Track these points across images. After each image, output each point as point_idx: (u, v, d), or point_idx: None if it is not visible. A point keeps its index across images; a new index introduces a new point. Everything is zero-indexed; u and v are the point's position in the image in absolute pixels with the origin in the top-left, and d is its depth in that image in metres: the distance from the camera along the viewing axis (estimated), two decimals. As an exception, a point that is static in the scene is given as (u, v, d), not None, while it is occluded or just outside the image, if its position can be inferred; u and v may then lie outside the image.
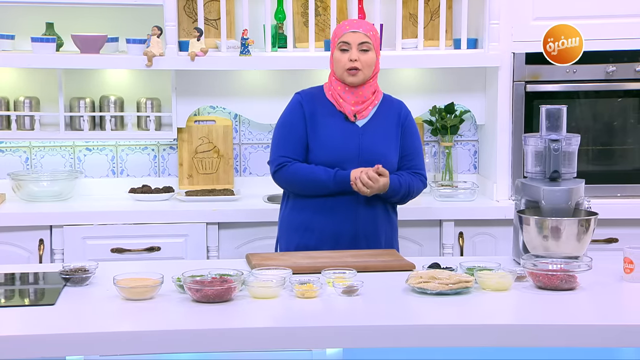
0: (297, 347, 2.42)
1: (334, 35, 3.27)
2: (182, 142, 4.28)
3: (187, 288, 2.54)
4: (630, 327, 2.38)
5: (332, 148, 3.21)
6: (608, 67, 3.97)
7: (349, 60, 3.19)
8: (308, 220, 3.23)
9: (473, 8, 4.11)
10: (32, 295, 2.77)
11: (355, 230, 3.22)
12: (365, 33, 3.20)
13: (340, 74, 3.22)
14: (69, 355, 2.37)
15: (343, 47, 3.20)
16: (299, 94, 3.31)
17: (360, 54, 3.19)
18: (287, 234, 3.29)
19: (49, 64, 4.01)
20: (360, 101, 3.24)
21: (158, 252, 3.84)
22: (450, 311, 2.49)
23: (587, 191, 3.02)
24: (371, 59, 3.21)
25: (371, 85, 3.26)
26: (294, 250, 3.20)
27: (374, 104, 3.27)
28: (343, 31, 3.22)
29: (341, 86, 3.24)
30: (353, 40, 3.19)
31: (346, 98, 3.24)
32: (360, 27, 3.22)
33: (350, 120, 3.24)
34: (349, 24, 3.25)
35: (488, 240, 3.94)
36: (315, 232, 3.22)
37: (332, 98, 3.26)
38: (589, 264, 2.69)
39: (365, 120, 3.25)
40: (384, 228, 3.27)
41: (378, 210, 3.25)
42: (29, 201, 4.05)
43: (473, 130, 4.41)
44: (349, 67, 3.19)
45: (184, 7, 4.20)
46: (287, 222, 3.31)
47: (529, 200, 2.98)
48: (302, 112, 3.25)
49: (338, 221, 3.21)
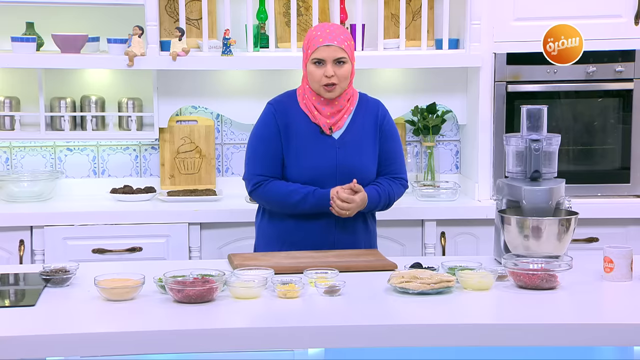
0: (279, 347, 2.42)
1: (307, 47, 3.13)
2: (163, 142, 4.27)
3: (168, 288, 2.53)
4: (610, 326, 2.40)
5: (307, 167, 3.12)
6: (588, 67, 3.99)
7: (324, 76, 3.08)
8: (285, 232, 3.18)
9: (454, 8, 4.13)
10: (13, 296, 2.75)
11: (334, 241, 3.17)
12: (340, 46, 3.08)
13: (317, 89, 3.12)
14: (50, 357, 2.36)
15: (317, 62, 3.09)
16: (272, 105, 3.20)
17: (336, 68, 3.08)
18: (265, 244, 3.24)
19: (29, 63, 3.98)
20: (336, 111, 3.15)
21: (139, 252, 3.83)
22: (432, 311, 2.50)
23: (567, 191, 3.04)
24: (347, 71, 3.11)
25: (347, 93, 3.17)
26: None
27: (350, 111, 3.19)
28: (316, 45, 3.09)
29: (316, 97, 3.15)
30: (328, 56, 3.07)
31: (321, 110, 3.15)
32: (334, 40, 3.08)
33: (325, 133, 3.16)
34: (322, 36, 3.09)
35: (470, 240, 3.96)
36: (293, 244, 3.15)
37: (306, 109, 3.17)
38: (569, 264, 2.71)
39: (341, 131, 3.17)
40: (362, 237, 3.22)
41: (357, 221, 3.18)
42: (9, 202, 4.03)
43: (455, 130, 4.42)
44: (325, 83, 3.09)
45: (166, 6, 4.19)
46: (264, 232, 3.26)
47: (510, 200, 2.99)
48: (276, 124, 3.15)
49: (316, 233, 3.15)
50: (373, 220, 3.31)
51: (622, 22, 4.00)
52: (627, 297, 2.64)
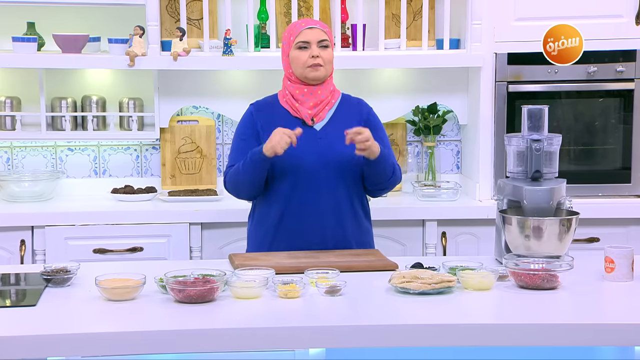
0: (279, 347, 2.42)
1: (289, 34, 3.17)
2: (164, 142, 4.27)
3: (169, 288, 2.53)
4: (611, 326, 2.40)
5: (289, 155, 3.05)
6: (589, 67, 3.99)
7: (310, 56, 3.11)
8: (270, 234, 3.16)
9: (455, 8, 4.13)
10: (14, 296, 2.75)
11: (321, 241, 3.12)
12: (323, 29, 3.16)
13: (301, 72, 3.13)
14: (51, 357, 2.36)
15: (302, 46, 3.12)
16: (252, 105, 3.24)
17: (320, 50, 3.12)
18: (254, 249, 3.22)
19: (30, 63, 3.98)
20: (318, 102, 3.15)
21: (140, 252, 3.83)
22: (432, 311, 2.50)
23: (568, 191, 3.04)
24: (331, 55, 3.15)
25: (329, 84, 3.18)
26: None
27: (332, 104, 3.18)
28: (299, 29, 3.14)
29: (299, 88, 3.15)
30: (312, 38, 3.12)
31: (304, 101, 3.14)
32: (316, 24, 3.16)
33: (308, 124, 3.14)
34: (304, 22, 3.18)
35: (471, 240, 3.95)
36: (280, 247, 3.12)
37: (287, 105, 3.18)
38: (570, 264, 2.71)
39: (323, 123, 3.17)
40: (354, 236, 3.17)
41: (346, 221, 3.15)
42: (10, 202, 4.03)
43: (456, 130, 4.42)
44: (310, 63, 3.11)
45: (167, 6, 4.19)
46: (252, 236, 3.25)
47: (511, 200, 2.99)
48: (253, 123, 3.18)
49: (304, 237, 3.11)
50: (367, 219, 3.25)
51: (623, 22, 4.00)
52: (628, 297, 2.64)
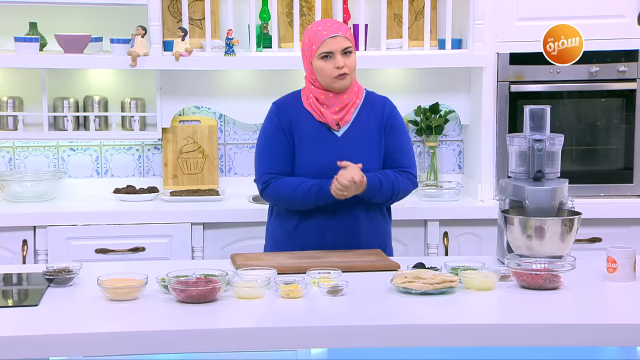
0: (281, 347, 2.42)
1: (310, 43, 3.09)
2: (166, 142, 4.27)
3: (171, 288, 2.53)
4: (613, 327, 2.40)
5: (309, 164, 3.09)
6: (591, 67, 3.99)
7: (335, 67, 3.06)
8: (291, 232, 3.16)
9: (457, 8, 4.12)
10: (16, 296, 2.75)
11: (338, 242, 3.13)
12: (345, 36, 3.08)
13: (328, 83, 3.09)
14: (53, 356, 2.36)
15: (326, 56, 3.06)
16: (275, 104, 3.20)
17: (344, 59, 3.07)
18: (273, 245, 3.23)
19: (32, 63, 3.99)
20: (343, 106, 3.13)
21: (142, 252, 3.83)
22: (434, 311, 2.50)
23: (570, 191, 3.04)
24: (354, 61, 3.11)
25: (354, 86, 3.16)
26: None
27: (357, 105, 3.16)
28: (322, 38, 3.06)
29: (324, 94, 3.12)
30: (336, 48, 3.06)
31: (330, 105, 3.12)
32: (338, 31, 3.07)
33: (332, 129, 3.13)
34: (325, 29, 3.07)
35: (473, 240, 3.95)
36: (299, 245, 3.13)
37: (310, 108, 3.15)
38: (572, 264, 2.70)
39: (346, 127, 3.15)
40: (369, 238, 3.16)
41: (362, 224, 3.14)
42: (12, 201, 4.03)
43: (458, 130, 4.42)
44: (336, 74, 3.07)
45: (168, 6, 4.19)
46: (272, 233, 3.25)
47: (513, 200, 2.99)
48: (279, 123, 3.14)
49: (320, 233, 3.12)
50: (384, 219, 3.24)
51: (625, 22, 4.00)
52: (631, 297, 2.64)
